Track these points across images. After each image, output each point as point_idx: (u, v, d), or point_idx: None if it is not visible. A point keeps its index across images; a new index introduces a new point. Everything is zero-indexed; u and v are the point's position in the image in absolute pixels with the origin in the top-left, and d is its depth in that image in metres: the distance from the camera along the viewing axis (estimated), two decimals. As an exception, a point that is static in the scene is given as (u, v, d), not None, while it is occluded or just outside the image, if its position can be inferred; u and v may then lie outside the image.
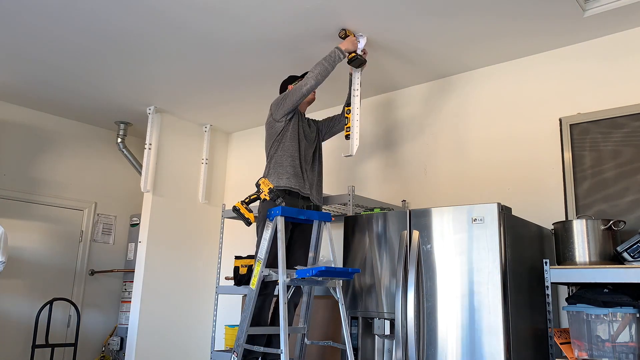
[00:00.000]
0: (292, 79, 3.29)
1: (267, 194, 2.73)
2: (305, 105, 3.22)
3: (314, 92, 3.13)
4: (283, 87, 3.29)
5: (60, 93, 4.36)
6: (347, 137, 3.12)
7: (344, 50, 2.97)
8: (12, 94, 4.45)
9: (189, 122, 4.93)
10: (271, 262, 2.71)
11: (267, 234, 2.65)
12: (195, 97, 4.30)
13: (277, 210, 2.62)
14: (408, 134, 3.85)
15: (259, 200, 2.80)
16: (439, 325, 2.40)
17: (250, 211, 2.76)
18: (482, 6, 2.84)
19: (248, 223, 2.76)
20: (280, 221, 2.60)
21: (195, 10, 2.98)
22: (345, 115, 3.22)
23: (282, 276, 2.49)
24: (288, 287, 2.82)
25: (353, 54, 3.02)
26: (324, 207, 3.65)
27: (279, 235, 2.56)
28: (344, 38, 3.10)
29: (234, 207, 2.76)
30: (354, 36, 3.08)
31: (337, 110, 4.37)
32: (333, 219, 2.93)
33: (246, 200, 2.77)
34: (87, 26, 3.20)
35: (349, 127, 3.12)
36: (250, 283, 2.66)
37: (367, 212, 3.12)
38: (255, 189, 2.83)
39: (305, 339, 2.78)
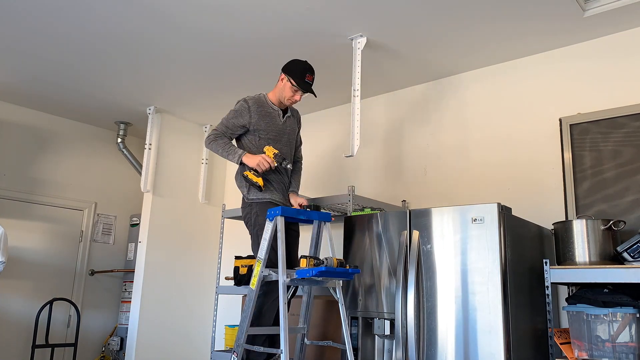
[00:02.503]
0: (290, 67, 2.96)
1: (273, 159, 2.79)
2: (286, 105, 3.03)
3: (300, 96, 2.96)
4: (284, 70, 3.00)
5: (60, 93, 4.36)
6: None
7: (244, 162, 2.82)
8: (12, 94, 4.45)
9: (189, 122, 4.93)
10: (274, 263, 2.71)
11: (267, 234, 2.64)
12: (196, 97, 4.30)
13: (277, 210, 2.61)
14: (408, 134, 3.85)
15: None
16: (439, 325, 2.40)
17: (259, 175, 2.78)
18: (482, 6, 2.84)
19: (259, 188, 2.79)
20: (280, 221, 2.59)
21: (195, 11, 2.98)
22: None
23: (282, 276, 2.49)
24: (288, 287, 2.82)
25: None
26: (324, 207, 3.65)
27: (279, 235, 2.55)
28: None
29: (243, 174, 2.78)
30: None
31: (335, 110, 4.38)
32: (333, 219, 2.92)
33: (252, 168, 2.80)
34: (88, 27, 3.20)
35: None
36: (250, 283, 2.65)
37: (358, 213, 3.12)
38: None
39: (305, 339, 2.77)
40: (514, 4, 2.80)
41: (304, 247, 4.35)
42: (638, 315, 2.28)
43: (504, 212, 2.38)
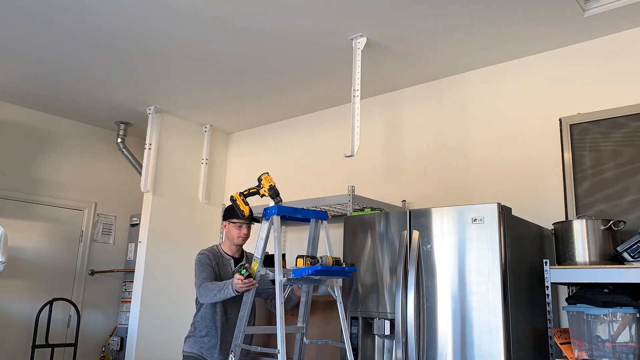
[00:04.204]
0: (226, 213, 3.04)
1: (266, 190, 2.69)
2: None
3: (248, 232, 3.01)
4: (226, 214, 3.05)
5: (60, 93, 4.36)
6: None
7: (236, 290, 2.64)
8: (12, 94, 4.45)
9: (189, 122, 4.93)
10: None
11: (263, 234, 2.63)
12: (195, 97, 4.30)
13: (273, 209, 2.60)
14: (408, 134, 3.85)
15: (257, 195, 2.76)
16: (439, 325, 2.40)
17: (247, 204, 2.71)
18: (482, 6, 2.84)
19: (242, 216, 2.72)
20: (276, 220, 2.59)
21: (195, 11, 2.98)
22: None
23: (278, 275, 2.48)
24: (285, 286, 2.81)
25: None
26: (323, 207, 3.65)
27: (275, 234, 2.55)
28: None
29: (231, 197, 2.73)
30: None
31: (335, 110, 4.38)
32: (330, 217, 2.91)
33: (244, 193, 2.73)
34: (87, 27, 3.20)
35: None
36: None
37: (358, 213, 3.12)
38: (256, 183, 2.81)
39: (305, 338, 2.77)
40: (514, 4, 2.80)
41: (301, 247, 4.35)
42: (638, 315, 2.28)
43: (504, 212, 2.38)
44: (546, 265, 2.49)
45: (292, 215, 2.67)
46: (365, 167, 4.06)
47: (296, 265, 2.52)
